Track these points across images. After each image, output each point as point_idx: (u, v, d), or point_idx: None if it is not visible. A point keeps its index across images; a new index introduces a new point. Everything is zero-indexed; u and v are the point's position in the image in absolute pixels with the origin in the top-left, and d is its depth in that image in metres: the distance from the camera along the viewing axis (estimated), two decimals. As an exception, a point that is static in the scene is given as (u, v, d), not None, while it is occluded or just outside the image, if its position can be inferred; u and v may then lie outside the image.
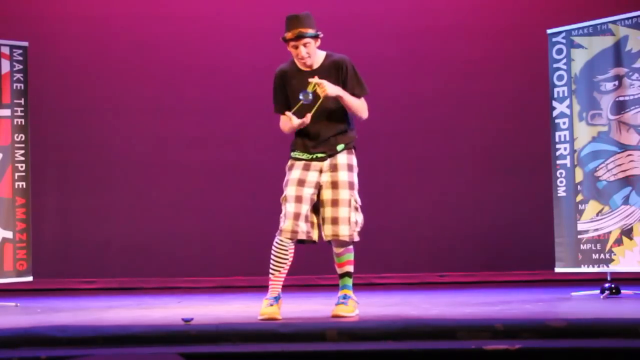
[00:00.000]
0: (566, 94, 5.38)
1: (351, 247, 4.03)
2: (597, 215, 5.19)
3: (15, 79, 5.46)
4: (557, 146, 5.39)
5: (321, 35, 3.93)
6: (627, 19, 5.15)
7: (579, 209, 5.26)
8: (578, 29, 5.33)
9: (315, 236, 3.98)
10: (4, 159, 5.42)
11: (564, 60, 5.39)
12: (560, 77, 5.42)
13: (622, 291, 5.04)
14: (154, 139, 6.76)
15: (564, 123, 5.37)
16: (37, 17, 6.65)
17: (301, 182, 3.93)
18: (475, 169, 6.72)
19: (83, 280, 6.54)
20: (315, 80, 3.85)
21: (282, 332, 3.12)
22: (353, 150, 4.02)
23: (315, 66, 3.95)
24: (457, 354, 2.90)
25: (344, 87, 3.93)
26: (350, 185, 3.94)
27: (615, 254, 5.10)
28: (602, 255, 5.15)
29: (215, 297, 5.62)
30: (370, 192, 6.81)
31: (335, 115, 3.95)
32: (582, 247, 5.23)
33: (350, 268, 4.04)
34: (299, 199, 3.90)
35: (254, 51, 6.62)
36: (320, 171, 3.94)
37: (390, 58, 6.73)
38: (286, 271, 4.02)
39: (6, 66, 5.42)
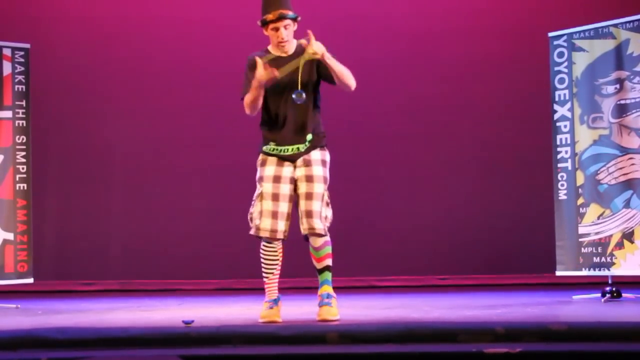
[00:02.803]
0: (567, 97, 5.38)
1: (329, 239, 3.93)
2: (598, 218, 5.18)
3: (16, 80, 5.47)
4: (558, 149, 5.39)
5: (299, 19, 3.86)
6: (629, 22, 5.15)
7: (580, 212, 5.25)
8: (579, 32, 5.33)
9: (286, 234, 3.90)
10: (5, 160, 5.43)
11: (565, 64, 5.39)
12: (561, 80, 5.41)
13: (623, 294, 5.04)
14: (155, 141, 6.76)
15: (565, 126, 5.37)
16: (39, 19, 6.66)
17: (277, 179, 3.86)
18: (476, 172, 6.72)
19: (83, 282, 6.54)
20: (304, 41, 3.71)
21: (282, 335, 3.11)
22: (325, 148, 3.95)
23: (290, 52, 3.87)
24: (458, 357, 2.89)
25: (320, 68, 3.81)
26: (325, 180, 3.89)
27: (616, 258, 5.09)
28: (603, 259, 5.14)
29: (215, 300, 5.62)
30: (372, 195, 6.84)
31: (306, 111, 3.86)
32: (583, 250, 5.22)
33: (329, 262, 3.95)
34: (275, 197, 3.84)
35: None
36: (295, 166, 3.88)
37: (391, 61, 6.73)
38: (279, 272, 3.99)
39: (8, 68, 5.43)
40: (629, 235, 5.06)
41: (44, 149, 6.34)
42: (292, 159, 3.88)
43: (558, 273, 5.35)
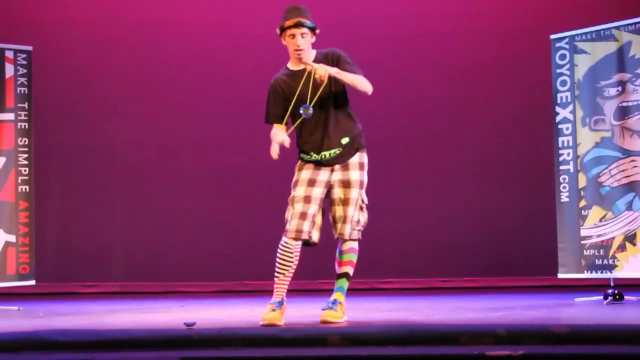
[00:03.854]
0: (569, 100, 5.37)
1: (356, 248, 4.00)
2: (601, 221, 5.18)
3: (19, 83, 5.47)
4: (560, 151, 5.38)
5: (318, 31, 3.92)
6: (631, 24, 5.14)
7: (582, 215, 5.24)
8: (581, 34, 5.33)
9: (315, 237, 3.94)
10: (7, 162, 5.43)
11: (567, 66, 5.38)
12: (563, 83, 5.41)
13: (626, 297, 5.03)
14: (157, 143, 6.77)
15: (567, 128, 5.36)
16: (41, 21, 6.67)
17: (311, 182, 3.91)
18: (478, 174, 6.71)
19: (85, 284, 6.55)
20: (309, 66, 3.78)
21: (284, 337, 3.11)
22: (364, 149, 4.00)
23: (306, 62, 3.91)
24: (459, 360, 2.89)
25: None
26: (361, 185, 3.95)
27: (618, 260, 5.08)
28: (605, 261, 5.13)
29: (217, 302, 5.62)
30: (374, 197, 6.82)
31: (335, 116, 3.91)
32: (585, 252, 5.22)
33: (349, 269, 4.01)
34: (307, 199, 3.88)
35: (257, 57, 6.63)
36: (332, 170, 3.93)
37: (393, 63, 6.73)
38: (291, 275, 4.00)
39: (10, 70, 5.44)
40: (631, 238, 5.06)
41: (46, 152, 6.35)
42: (330, 164, 3.92)
43: (560, 275, 5.34)
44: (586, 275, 5.23)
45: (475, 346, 2.98)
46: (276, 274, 3.97)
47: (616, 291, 5.01)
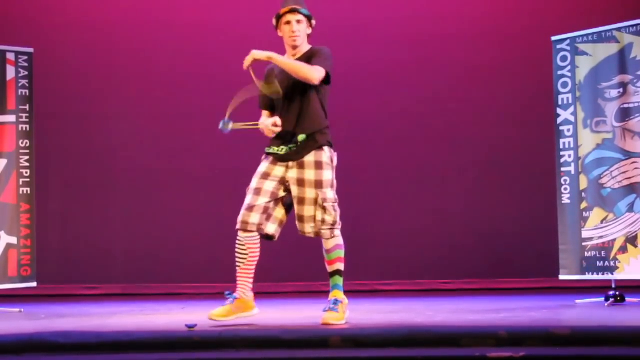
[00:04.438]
0: (570, 101, 5.37)
1: (339, 243, 3.96)
2: (602, 222, 5.17)
3: (20, 85, 5.48)
4: (562, 153, 5.38)
5: (314, 22, 3.97)
6: (632, 26, 5.15)
7: (584, 217, 5.24)
8: (582, 36, 5.33)
9: (271, 230, 3.92)
10: (8, 164, 5.44)
11: (569, 67, 5.38)
12: (564, 84, 5.41)
13: (627, 299, 5.03)
14: (159, 144, 6.77)
15: (569, 130, 5.36)
16: (42, 23, 6.68)
17: (265, 175, 3.92)
18: (479, 176, 6.71)
19: (87, 287, 6.55)
20: (246, 63, 3.81)
21: (285, 339, 3.11)
22: (326, 147, 3.92)
23: (299, 55, 3.95)
24: (461, 362, 2.89)
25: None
26: (318, 184, 3.87)
27: (619, 262, 5.08)
28: (606, 263, 5.13)
29: (218, 304, 5.60)
30: (374, 198, 6.84)
31: (298, 112, 3.90)
32: (586, 254, 5.21)
33: (340, 266, 3.99)
34: (257, 192, 3.89)
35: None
36: (287, 167, 3.91)
37: (394, 65, 6.73)
38: (248, 267, 3.99)
39: (11, 72, 5.45)
40: (632, 240, 5.05)
41: (47, 153, 6.35)
42: (284, 159, 3.91)
43: (561, 277, 5.34)
44: (587, 277, 5.23)
45: (477, 348, 2.98)
46: (236, 267, 3.98)
47: (617, 293, 5.01)
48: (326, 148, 3.93)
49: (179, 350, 3.11)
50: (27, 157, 5.50)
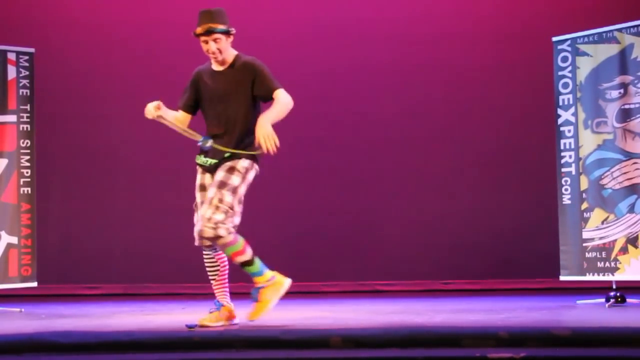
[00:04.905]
0: (571, 102, 5.37)
1: (230, 240, 3.80)
2: (602, 223, 5.17)
3: (21, 84, 5.48)
4: (562, 154, 5.38)
5: (233, 32, 3.92)
6: (633, 27, 5.14)
7: (584, 217, 5.24)
8: (583, 36, 5.33)
9: None
10: (9, 164, 5.44)
11: (569, 68, 5.38)
12: (565, 85, 5.41)
13: (628, 300, 5.02)
14: (159, 144, 6.76)
15: (569, 131, 5.36)
16: (43, 23, 6.68)
17: (202, 187, 3.95)
18: (479, 176, 6.71)
19: (87, 286, 6.54)
20: (261, 140, 3.74)
21: (285, 339, 3.11)
22: (244, 158, 3.87)
23: (226, 65, 3.93)
24: (461, 362, 2.89)
25: (255, 86, 3.86)
26: (220, 185, 3.83)
27: (620, 263, 5.08)
28: (607, 264, 5.13)
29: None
30: (375, 199, 6.84)
31: (239, 123, 3.88)
32: (587, 255, 5.21)
33: (241, 258, 3.86)
34: (202, 205, 3.89)
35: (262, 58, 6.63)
36: (212, 174, 3.92)
37: (394, 65, 6.73)
38: (222, 279, 4.05)
39: (12, 72, 5.45)
40: (633, 240, 5.05)
41: (47, 153, 6.35)
42: (211, 170, 3.92)
43: (562, 278, 5.34)
44: (588, 277, 5.23)
45: (477, 348, 2.98)
46: (210, 281, 4.06)
47: (618, 294, 5.01)
48: (247, 158, 3.89)
49: (179, 350, 3.11)
50: (27, 157, 5.50)
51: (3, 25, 6.54)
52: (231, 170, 3.85)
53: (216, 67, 3.96)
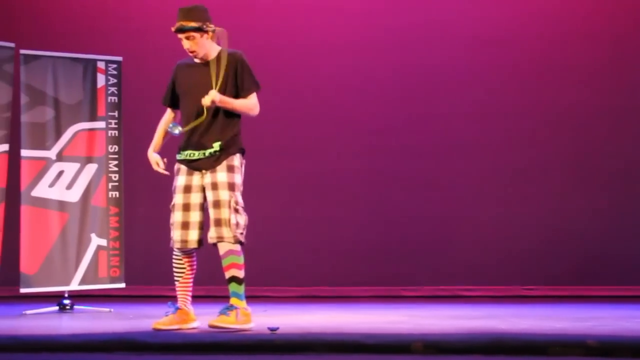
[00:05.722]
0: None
1: (236, 249, 3.90)
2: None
3: (109, 92, 5.68)
4: (654, 156, 5.18)
5: (209, 29, 3.92)
6: None
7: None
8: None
9: (210, 240, 3.93)
10: (99, 169, 5.64)
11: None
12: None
13: None
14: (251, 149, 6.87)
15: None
16: (130, 33, 6.89)
17: (187, 189, 3.93)
18: (564, 179, 6.53)
19: (172, 288, 6.67)
20: (205, 102, 3.83)
21: (366, 343, 3.11)
22: (239, 153, 3.92)
23: (210, 58, 3.95)
24: (548, 371, 2.82)
25: (236, 80, 3.90)
26: (230, 186, 3.85)
27: None
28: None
29: (300, 307, 5.66)
30: (456, 204, 6.74)
31: (216, 119, 3.90)
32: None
33: (236, 272, 3.91)
34: (186, 207, 3.91)
35: (346, 62, 6.65)
36: (202, 174, 3.91)
37: (481, 67, 6.63)
38: (187, 280, 4.08)
39: (101, 80, 5.65)
40: None
41: (134, 158, 6.54)
42: (199, 167, 3.91)
43: (653, 285, 5.13)
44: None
45: (564, 357, 2.90)
46: (174, 282, 4.07)
47: None
48: (239, 154, 3.92)
49: (261, 352, 3.15)
50: (115, 162, 5.70)
51: (93, 35, 6.80)
52: (230, 168, 3.89)
53: (196, 59, 4.01)
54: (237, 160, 3.92)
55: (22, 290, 5.34)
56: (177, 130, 3.95)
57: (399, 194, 6.65)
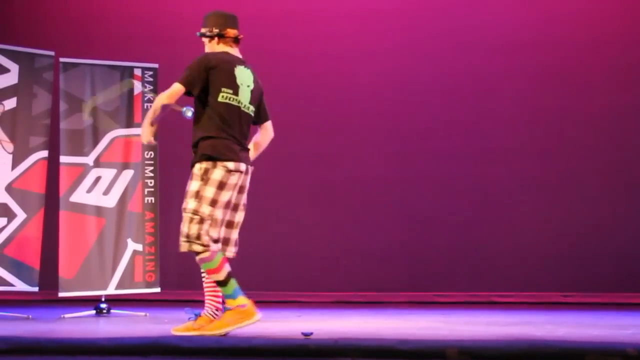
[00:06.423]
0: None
1: (205, 256, 3.95)
2: None
3: (146, 99, 5.75)
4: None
5: (209, 34, 4.08)
6: None
7: None
8: None
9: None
10: (135, 175, 5.72)
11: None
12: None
13: None
14: (276, 150, 6.90)
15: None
16: (166, 40, 6.99)
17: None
18: (604, 185, 6.44)
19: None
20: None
21: (401, 349, 3.09)
22: (201, 160, 3.89)
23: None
24: (585, 379, 2.77)
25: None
26: (188, 194, 3.89)
27: None
28: None
29: (333, 312, 5.66)
30: (492, 209, 6.69)
31: (198, 117, 3.97)
32: None
33: (215, 277, 4.00)
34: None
35: (371, 70, 6.65)
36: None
37: (513, 72, 6.59)
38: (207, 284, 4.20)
39: (138, 87, 5.73)
40: None
41: (169, 164, 6.61)
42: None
43: (694, 292, 5.03)
44: None
45: (602, 365, 2.85)
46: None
47: None
48: (206, 160, 3.90)
49: (295, 357, 3.16)
50: (151, 168, 5.77)
51: (129, 43, 6.91)
52: (191, 176, 3.94)
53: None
54: (197, 167, 3.94)
55: (61, 294, 5.42)
56: (190, 112, 3.98)
57: (435, 199, 6.62)
